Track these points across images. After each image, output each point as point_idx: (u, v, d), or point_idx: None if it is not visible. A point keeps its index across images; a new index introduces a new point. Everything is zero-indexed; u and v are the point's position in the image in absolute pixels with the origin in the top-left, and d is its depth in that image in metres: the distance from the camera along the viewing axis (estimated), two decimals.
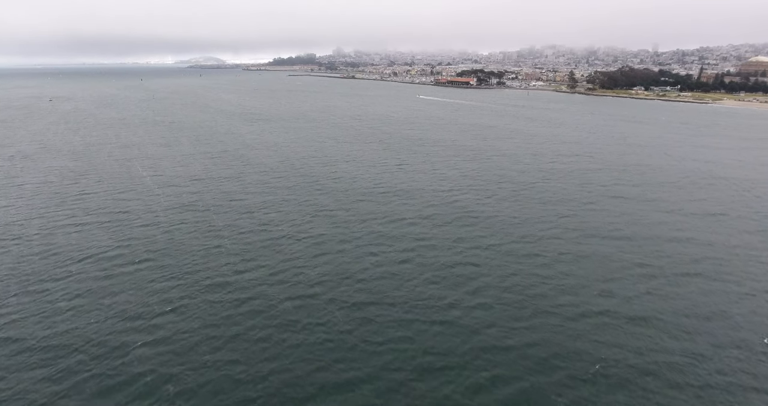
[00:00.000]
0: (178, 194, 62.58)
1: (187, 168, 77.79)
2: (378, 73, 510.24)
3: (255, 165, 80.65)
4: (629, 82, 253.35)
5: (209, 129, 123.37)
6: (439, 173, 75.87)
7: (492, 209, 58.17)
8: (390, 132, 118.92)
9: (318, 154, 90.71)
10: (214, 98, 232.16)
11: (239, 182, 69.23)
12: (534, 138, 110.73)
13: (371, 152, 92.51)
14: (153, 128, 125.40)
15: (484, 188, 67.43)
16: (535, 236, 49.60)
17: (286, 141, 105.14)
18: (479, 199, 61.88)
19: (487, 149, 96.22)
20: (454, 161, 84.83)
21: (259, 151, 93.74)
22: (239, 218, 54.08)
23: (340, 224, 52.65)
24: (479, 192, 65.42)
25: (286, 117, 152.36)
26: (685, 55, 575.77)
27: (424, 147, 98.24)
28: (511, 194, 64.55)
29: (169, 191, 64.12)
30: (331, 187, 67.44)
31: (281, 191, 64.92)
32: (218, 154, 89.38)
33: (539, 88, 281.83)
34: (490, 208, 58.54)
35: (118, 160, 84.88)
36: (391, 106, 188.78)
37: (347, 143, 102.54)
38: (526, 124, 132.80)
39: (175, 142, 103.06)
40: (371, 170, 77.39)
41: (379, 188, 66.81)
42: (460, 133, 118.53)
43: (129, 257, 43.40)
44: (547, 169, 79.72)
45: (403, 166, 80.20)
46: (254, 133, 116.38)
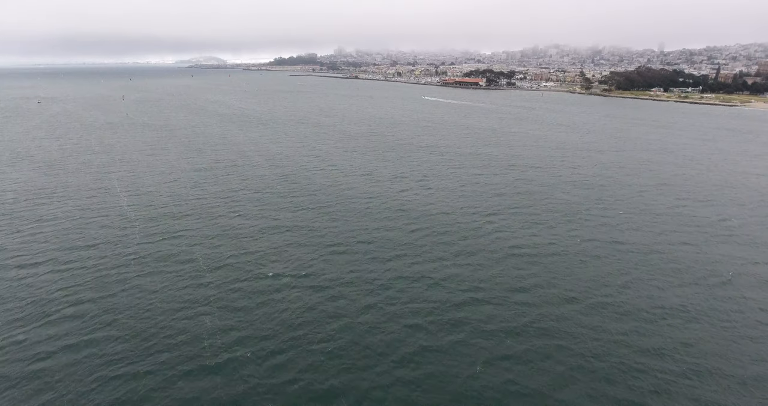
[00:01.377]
0: (157, 224, 50.97)
1: (173, 185, 66.26)
2: (381, 73, 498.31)
3: (251, 180, 69.13)
4: (646, 82, 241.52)
5: (201, 135, 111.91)
6: (469, 192, 64.31)
7: (546, 241, 46.63)
8: (403, 139, 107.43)
9: (324, 165, 79.20)
10: (211, 100, 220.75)
11: (233, 206, 57.62)
12: (565, 147, 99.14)
13: (386, 165, 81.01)
14: (141, 133, 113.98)
15: (529, 214, 55.79)
16: (614, 285, 38.15)
17: (287, 150, 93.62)
18: (528, 229, 50.29)
19: (516, 161, 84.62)
20: (482, 177, 73.30)
21: (257, 163, 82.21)
22: (230, 258, 42.49)
23: (359, 267, 41.12)
24: (525, 218, 53.79)
25: (287, 121, 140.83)
26: (693, 55, 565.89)
27: (443, 157, 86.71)
28: (564, 220, 52.96)
29: (147, 219, 52.57)
30: (342, 210, 55.88)
31: (283, 217, 53.35)
32: (209, 167, 77.89)
33: (551, 89, 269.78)
34: (544, 240, 47.00)
35: (94, 173, 73.44)
36: (398, 109, 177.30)
37: (357, 153, 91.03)
38: (550, 131, 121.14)
39: (162, 151, 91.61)
40: (390, 189, 65.85)
41: (403, 213, 55.22)
42: (480, 140, 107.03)
43: (78, 327, 31.95)
44: (594, 186, 68.14)
45: (427, 182, 68.64)
46: (251, 141, 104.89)
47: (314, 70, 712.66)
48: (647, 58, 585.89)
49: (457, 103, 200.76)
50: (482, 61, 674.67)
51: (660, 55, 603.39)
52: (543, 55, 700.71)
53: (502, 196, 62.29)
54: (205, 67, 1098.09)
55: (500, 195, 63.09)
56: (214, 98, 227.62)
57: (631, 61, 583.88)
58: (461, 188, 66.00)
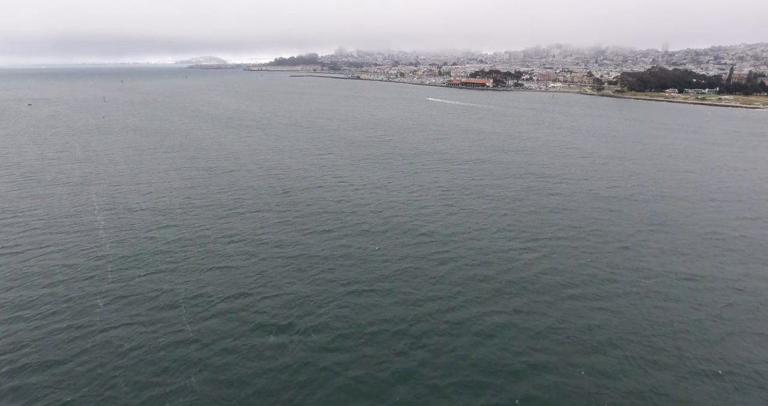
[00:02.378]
0: (135, 255, 42.72)
1: (159, 202, 58.06)
2: (383, 73, 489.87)
3: (248, 196, 60.92)
4: (659, 83, 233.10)
5: (195, 140, 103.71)
6: (497, 209, 56.12)
7: (605, 276, 38.43)
8: (413, 145, 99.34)
9: (330, 177, 71.10)
10: (208, 102, 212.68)
11: (226, 230, 49.40)
12: (593, 155, 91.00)
13: (399, 176, 72.91)
14: (131, 137, 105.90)
15: (573, 238, 47.59)
16: (715, 341, 30.03)
17: (288, 160, 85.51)
18: (576, 260, 42.08)
19: (542, 171, 76.47)
20: (508, 190, 65.18)
21: (255, 174, 74.09)
22: (221, 303, 34.29)
23: (381, 315, 32.96)
24: (570, 244, 45.59)
25: (287, 125, 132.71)
26: (698, 55, 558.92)
27: (461, 166, 78.60)
28: (618, 248, 44.71)
29: (125, 247, 44.41)
30: (355, 234, 47.69)
31: (286, 244, 45.18)
32: (201, 179, 69.75)
33: (561, 90, 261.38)
34: (602, 274, 38.78)
35: (72, 185, 65.37)
36: (404, 112, 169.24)
37: (365, 162, 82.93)
38: (572, 136, 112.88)
39: (151, 158, 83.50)
40: (408, 206, 57.69)
41: (426, 238, 47.00)
42: (497, 147, 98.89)
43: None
44: (638, 202, 59.99)
45: (448, 198, 60.43)
46: (249, 148, 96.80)
47: (315, 71, 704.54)
48: (652, 58, 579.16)
49: (465, 104, 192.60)
50: (484, 62, 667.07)
51: (664, 55, 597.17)
52: (546, 55, 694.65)
53: (536, 215, 54.17)
54: (206, 67, 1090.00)
55: (534, 213, 54.97)
56: (210, 100, 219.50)
57: (636, 61, 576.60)
58: (487, 205, 57.85)
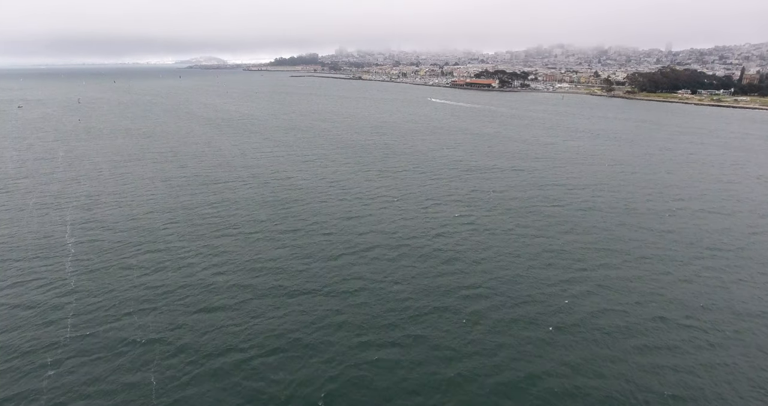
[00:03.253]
0: (103, 293, 35.56)
1: (140, 222, 50.96)
2: (385, 73, 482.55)
3: (242, 213, 53.78)
4: (671, 84, 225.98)
5: (186, 144, 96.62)
6: (528, 229, 49.02)
7: (683, 327, 31.43)
8: (422, 152, 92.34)
9: (334, 190, 64.04)
10: (204, 103, 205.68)
11: (213, 258, 42.26)
12: (622, 163, 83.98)
13: (411, 189, 65.84)
14: (119, 141, 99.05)
15: (626, 269, 40.44)
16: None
17: (288, 169, 78.50)
18: (643, 308, 34.97)
19: (569, 182, 69.39)
20: (536, 205, 58.08)
21: (250, 188, 67.05)
22: (199, 372, 27.27)
23: (404, 388, 25.90)
24: (622, 275, 38.47)
25: (287, 128, 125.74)
26: (703, 55, 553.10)
27: (479, 176, 71.55)
28: (692, 297, 37.67)
29: (93, 282, 37.37)
30: (365, 262, 40.68)
31: (284, 276, 38.13)
32: (190, 190, 62.70)
33: (569, 91, 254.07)
34: (678, 334, 31.77)
35: (45, 196, 58.46)
36: (409, 114, 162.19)
37: (372, 172, 75.88)
38: (592, 141, 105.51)
39: (136, 164, 76.54)
40: (424, 226, 50.61)
41: (449, 269, 39.94)
42: (515, 154, 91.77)
43: None
44: (686, 222, 52.90)
45: (469, 214, 53.32)
46: (244, 156, 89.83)
47: (315, 71, 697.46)
48: (656, 58, 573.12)
49: (472, 106, 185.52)
50: (486, 61, 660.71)
51: (668, 55, 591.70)
52: (548, 55, 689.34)
53: (571, 236, 47.12)
54: (206, 67, 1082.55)
55: (568, 233, 47.93)
56: (204, 101, 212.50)
57: (640, 62, 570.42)
58: (514, 222, 50.79)
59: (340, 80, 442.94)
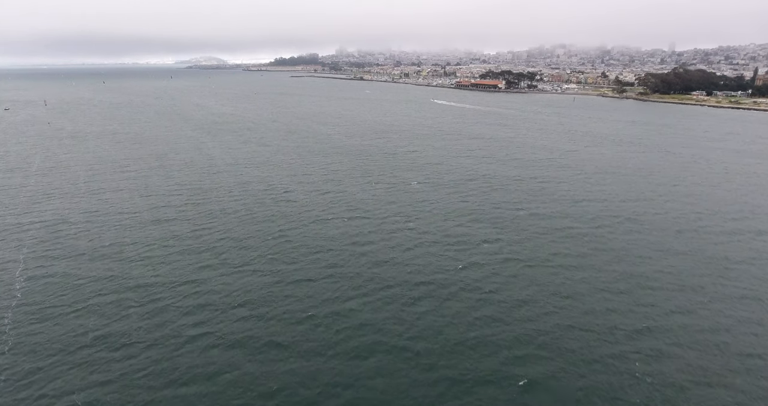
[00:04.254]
0: (42, 366, 27.74)
1: (108, 251, 42.91)
2: (387, 74, 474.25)
3: (232, 242, 45.67)
4: (684, 85, 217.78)
5: (175, 150, 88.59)
6: (587, 267, 41.04)
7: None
8: (434, 160, 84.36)
9: (337, 207, 56.00)
10: (198, 105, 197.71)
11: (192, 311, 34.26)
12: (657, 176, 76.04)
13: (425, 206, 57.82)
14: (102, 145, 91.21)
15: (708, 314, 32.47)
16: None
17: (286, 181, 70.51)
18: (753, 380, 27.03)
19: (606, 196, 61.39)
20: (575, 227, 50.11)
21: (242, 205, 59.04)
22: None
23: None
24: (705, 324, 30.53)
25: (287, 132, 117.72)
26: (708, 55, 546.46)
27: (502, 191, 63.51)
28: None
29: (34, 345, 29.40)
30: (377, 307, 32.66)
31: (281, 337, 30.15)
32: (173, 208, 54.68)
33: (579, 92, 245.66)
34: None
35: (6, 216, 50.49)
36: (415, 117, 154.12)
37: (381, 185, 67.98)
38: (616, 149, 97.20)
39: (117, 174, 68.47)
40: (445, 258, 42.57)
41: (483, 318, 31.97)
42: (537, 162, 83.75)
43: None
44: (755, 252, 44.97)
45: (499, 240, 45.16)
46: (238, 167, 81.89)
47: (316, 71, 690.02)
48: (660, 59, 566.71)
49: (479, 109, 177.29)
50: (488, 62, 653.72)
51: (672, 55, 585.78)
52: (550, 56, 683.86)
53: (624, 265, 39.08)
54: (205, 67, 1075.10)
55: (620, 262, 39.95)
56: (198, 102, 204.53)
57: (644, 62, 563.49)
58: (553, 252, 42.69)
59: (341, 81, 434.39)
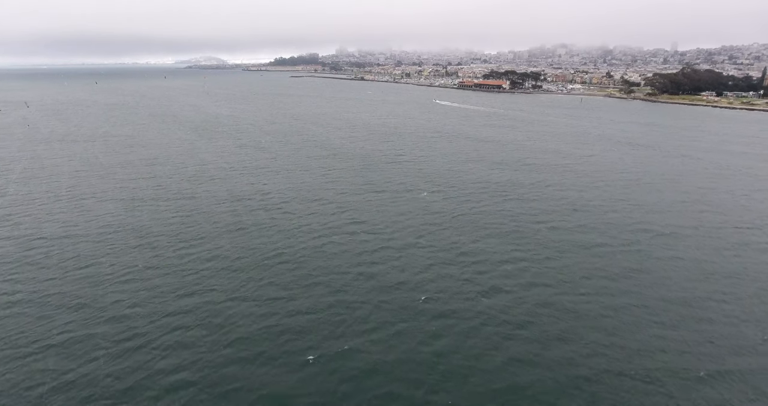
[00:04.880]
0: None
1: (86, 269, 37.93)
2: (388, 74, 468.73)
3: (217, 266, 40.68)
4: (693, 86, 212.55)
5: (166, 155, 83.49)
6: (615, 297, 36.01)
7: None
8: (444, 166, 79.33)
9: (343, 220, 50.97)
10: (194, 106, 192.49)
11: (166, 338, 29.32)
12: (686, 174, 70.99)
13: (440, 222, 52.76)
14: (91, 149, 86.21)
15: None
16: None
17: (284, 193, 65.42)
18: None
19: (631, 212, 56.40)
20: (609, 248, 45.05)
21: (238, 224, 54.08)
22: None
23: None
24: None
25: (286, 134, 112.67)
26: (711, 54, 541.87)
27: (519, 197, 58.43)
28: None
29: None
30: (388, 368, 27.76)
31: (279, 379, 25.19)
32: (156, 226, 49.65)
33: (585, 93, 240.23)
34: None
35: None
36: (421, 119, 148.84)
37: (387, 193, 62.89)
38: (637, 155, 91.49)
39: (103, 180, 63.41)
40: (467, 292, 37.64)
41: (529, 391, 27.01)
42: (553, 167, 78.72)
43: None
44: None
45: (525, 269, 40.22)
46: (233, 169, 76.83)
47: (316, 71, 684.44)
48: (663, 58, 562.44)
49: (484, 110, 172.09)
50: (489, 61, 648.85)
51: (674, 55, 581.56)
52: (551, 55, 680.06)
53: (665, 288, 34.06)
54: (205, 67, 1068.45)
55: (661, 285, 34.95)
56: (195, 103, 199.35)
57: (646, 61, 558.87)
58: (586, 274, 37.69)
59: (342, 81, 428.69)
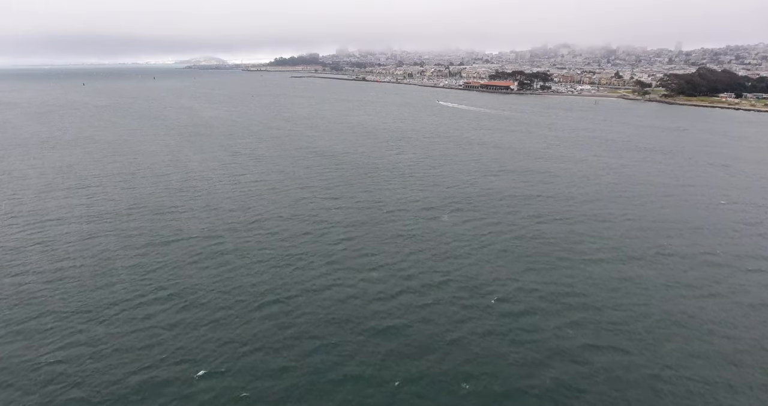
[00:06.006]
0: None
1: (17, 310, 29.27)
2: (390, 74, 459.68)
3: (195, 304, 32.04)
4: (710, 87, 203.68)
5: (149, 164, 74.77)
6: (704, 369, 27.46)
7: None
8: (462, 179, 70.72)
9: (349, 251, 42.27)
10: (189, 108, 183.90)
11: None
12: (758, 212, 62.43)
13: (467, 254, 44.09)
14: (71, 155, 77.51)
15: None
16: None
17: (280, 213, 56.75)
18: None
19: (687, 238, 47.78)
20: (673, 292, 36.39)
21: (216, 247, 45.39)
22: None
23: None
24: None
25: (283, 142, 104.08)
26: (717, 54, 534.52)
27: (555, 221, 49.70)
28: None
29: None
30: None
31: None
32: (121, 256, 40.97)
33: (596, 94, 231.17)
34: None
35: None
36: (430, 124, 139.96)
37: (402, 226, 54.28)
38: (672, 164, 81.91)
39: (73, 193, 54.68)
40: (502, 340, 29.00)
41: None
42: (585, 181, 69.95)
43: None
44: None
45: (584, 317, 31.68)
46: (221, 182, 68.11)
47: (317, 71, 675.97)
48: (668, 58, 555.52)
49: (495, 112, 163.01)
50: (491, 61, 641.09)
51: (679, 55, 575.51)
52: (554, 55, 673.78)
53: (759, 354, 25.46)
54: (205, 67, 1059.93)
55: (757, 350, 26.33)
56: (190, 105, 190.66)
57: (651, 61, 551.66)
58: (666, 337, 29.11)
59: (343, 81, 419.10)
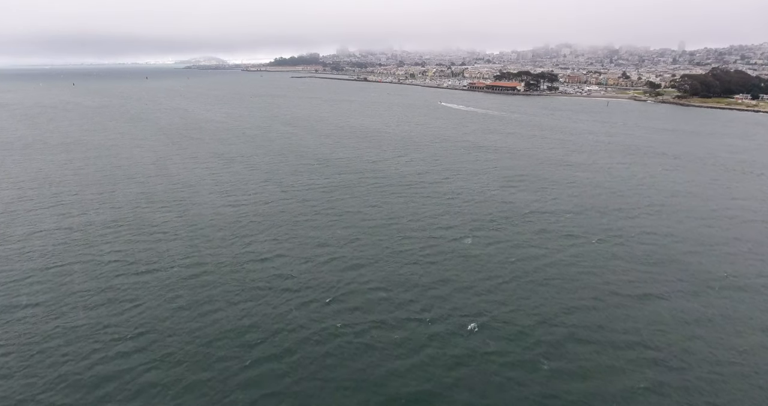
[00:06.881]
0: None
1: None
2: (391, 74, 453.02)
3: (163, 358, 25.38)
4: (725, 87, 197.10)
5: (132, 174, 68.10)
6: None
7: None
8: (477, 190, 64.14)
9: (355, 283, 35.58)
10: (184, 110, 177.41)
11: None
12: None
13: (499, 281, 37.42)
14: (52, 160, 70.89)
15: None
16: None
17: (277, 238, 50.06)
18: None
19: (742, 261, 41.08)
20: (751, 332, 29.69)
21: (200, 279, 38.72)
22: None
23: None
24: None
25: (284, 149, 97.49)
26: (722, 54, 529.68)
27: (591, 245, 42.98)
28: None
29: None
30: None
31: None
32: (82, 291, 34.30)
33: (606, 95, 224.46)
34: None
35: None
36: (437, 127, 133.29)
37: (419, 246, 47.60)
38: (706, 173, 76.37)
39: (43, 205, 48.00)
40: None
41: None
42: (617, 194, 63.33)
43: None
44: None
45: (637, 358, 24.96)
46: (211, 193, 61.43)
47: (317, 71, 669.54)
48: (672, 58, 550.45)
49: (503, 115, 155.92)
50: (492, 61, 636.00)
51: (683, 55, 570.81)
52: (555, 55, 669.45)
53: None
54: (205, 67, 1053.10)
55: None
56: (186, 106, 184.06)
57: (654, 61, 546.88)
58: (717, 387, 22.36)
59: (344, 82, 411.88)
